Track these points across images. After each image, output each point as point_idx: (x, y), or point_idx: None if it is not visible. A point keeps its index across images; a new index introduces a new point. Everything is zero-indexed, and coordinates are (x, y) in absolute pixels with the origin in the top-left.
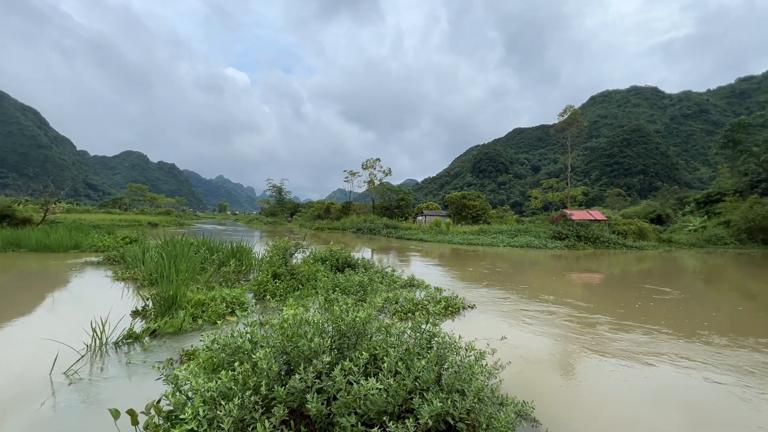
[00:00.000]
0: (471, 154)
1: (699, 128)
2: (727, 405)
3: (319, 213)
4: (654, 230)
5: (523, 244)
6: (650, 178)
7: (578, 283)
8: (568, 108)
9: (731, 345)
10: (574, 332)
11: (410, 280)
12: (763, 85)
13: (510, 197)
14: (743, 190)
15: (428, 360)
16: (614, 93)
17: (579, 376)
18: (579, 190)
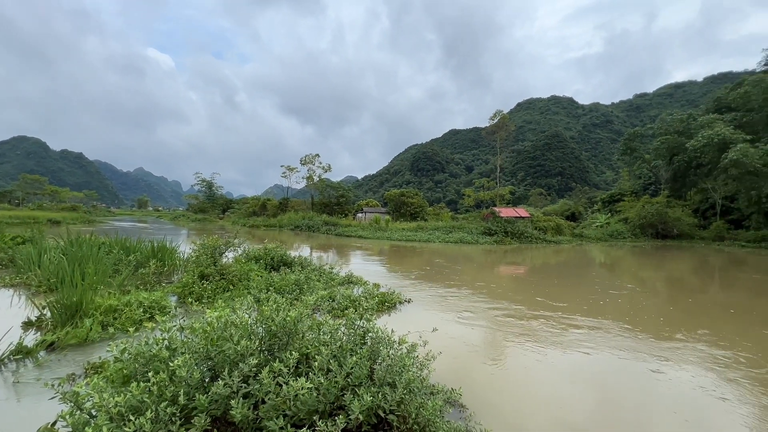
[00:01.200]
0: (410, 152)
1: (605, 136)
2: (630, 379)
3: (254, 209)
4: (569, 226)
5: (457, 240)
6: (566, 179)
7: (506, 276)
8: (498, 113)
9: (634, 327)
10: (502, 321)
11: (348, 277)
12: (654, 101)
13: (446, 195)
14: (638, 191)
15: (361, 356)
16: (537, 101)
17: (505, 362)
18: (507, 190)
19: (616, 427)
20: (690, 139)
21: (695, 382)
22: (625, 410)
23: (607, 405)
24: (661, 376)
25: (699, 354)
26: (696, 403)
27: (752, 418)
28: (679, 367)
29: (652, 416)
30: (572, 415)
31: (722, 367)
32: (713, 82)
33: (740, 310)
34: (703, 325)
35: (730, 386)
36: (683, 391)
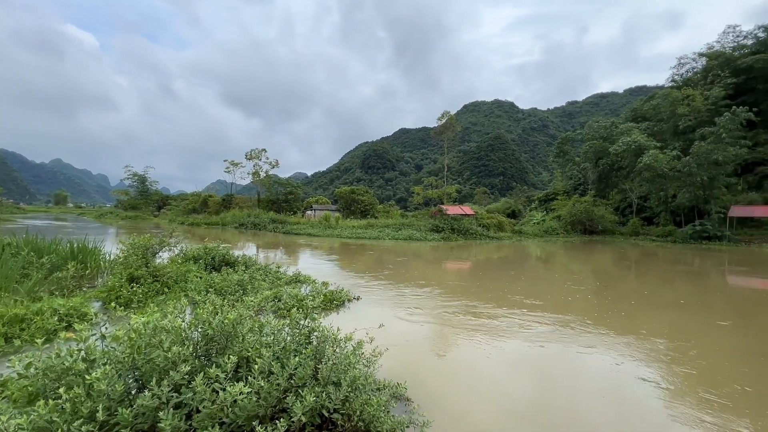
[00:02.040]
0: (361, 150)
1: (542, 140)
2: (564, 364)
3: (194, 206)
4: (510, 223)
5: (406, 237)
6: (508, 179)
7: (454, 271)
8: (445, 114)
9: (566, 314)
10: (450, 315)
11: (296, 276)
12: (583, 109)
13: (396, 193)
14: (569, 191)
15: (305, 356)
16: (482, 104)
17: (452, 355)
18: (453, 188)
19: (552, 411)
20: (612, 145)
21: (620, 365)
22: (559, 394)
23: (545, 391)
24: (590, 360)
25: (622, 339)
26: (621, 384)
27: (664, 390)
28: (606, 352)
29: (583, 398)
30: (513, 402)
31: (640, 350)
32: (631, 93)
33: (653, 295)
34: (624, 310)
35: (648, 367)
36: (611, 374)
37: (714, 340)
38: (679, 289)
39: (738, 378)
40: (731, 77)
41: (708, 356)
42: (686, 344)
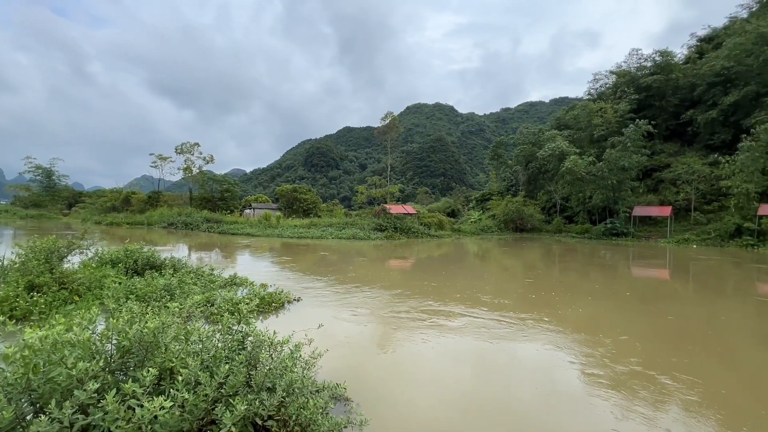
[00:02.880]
0: (303, 147)
1: (479, 143)
2: (502, 353)
3: (113, 204)
4: (449, 222)
5: (349, 236)
6: (448, 179)
7: (397, 269)
8: (388, 114)
9: (503, 308)
10: (393, 313)
11: (232, 278)
12: (515, 115)
13: (340, 192)
14: (503, 192)
15: (237, 362)
16: (424, 106)
17: (395, 352)
18: (396, 188)
19: (487, 400)
20: (540, 150)
21: (550, 351)
22: (497, 383)
23: (483, 383)
24: (520, 348)
25: (548, 326)
26: (551, 369)
27: (582, 371)
28: (537, 339)
29: (516, 384)
30: (453, 394)
31: (567, 335)
32: (556, 103)
33: (574, 286)
34: (550, 300)
35: (575, 350)
36: (543, 361)
37: (624, 323)
38: (594, 279)
39: (644, 352)
40: (635, 94)
41: (621, 335)
42: (603, 326)
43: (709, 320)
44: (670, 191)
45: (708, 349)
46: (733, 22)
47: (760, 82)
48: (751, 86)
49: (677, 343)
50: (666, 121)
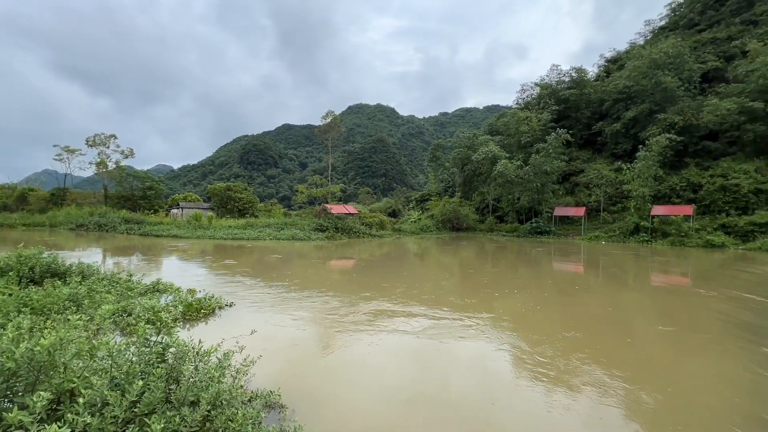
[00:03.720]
0: (239, 143)
1: (419, 145)
2: (440, 352)
3: (5, 203)
4: (390, 222)
5: (289, 237)
6: (389, 180)
7: (337, 269)
8: (329, 113)
9: (442, 304)
10: (334, 315)
11: (155, 284)
12: (452, 120)
13: (279, 191)
14: (441, 193)
15: (155, 377)
16: (366, 106)
17: (334, 354)
18: (338, 187)
19: (428, 396)
20: (474, 153)
21: (486, 345)
22: (435, 379)
23: (423, 380)
24: (460, 343)
25: (486, 320)
26: (484, 358)
27: (515, 360)
28: (475, 334)
29: (456, 378)
30: (392, 392)
31: (500, 326)
32: (488, 110)
33: (506, 281)
34: (484, 294)
35: (506, 341)
36: (477, 354)
37: (546, 312)
38: (522, 274)
39: (563, 333)
40: (555, 105)
41: (542, 322)
42: (533, 317)
43: (621, 304)
44: (584, 194)
45: (619, 326)
46: (632, 47)
47: (653, 101)
48: (646, 104)
49: (591, 326)
50: (581, 131)
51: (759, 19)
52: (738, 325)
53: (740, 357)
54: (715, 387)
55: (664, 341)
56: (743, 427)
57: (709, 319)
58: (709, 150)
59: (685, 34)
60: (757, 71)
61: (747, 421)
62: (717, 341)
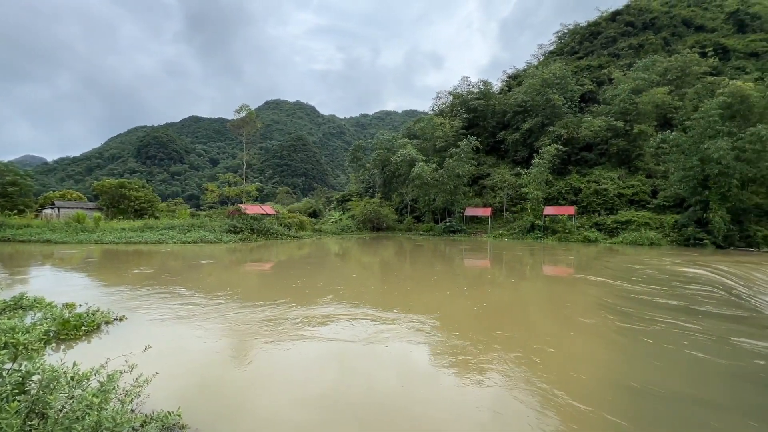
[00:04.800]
0: (136, 135)
1: (340, 145)
2: (359, 351)
3: None
4: (310, 222)
5: (196, 240)
6: (310, 179)
7: (251, 273)
8: (244, 107)
9: (363, 303)
10: (243, 324)
11: (17, 299)
12: (373, 122)
13: (186, 189)
14: (362, 193)
15: (9, 413)
16: (284, 103)
17: (243, 366)
18: (254, 186)
19: (348, 396)
20: (393, 155)
21: (406, 339)
22: (355, 379)
23: (343, 380)
24: (379, 340)
25: (404, 315)
26: (406, 355)
27: (434, 353)
28: (394, 330)
29: (376, 375)
30: (310, 398)
31: (417, 318)
32: (407, 114)
33: (422, 277)
34: (402, 290)
35: (426, 337)
36: (396, 349)
37: (458, 302)
38: (438, 270)
39: (471, 320)
40: (466, 113)
41: (457, 312)
42: (450, 310)
43: (520, 292)
44: (490, 195)
45: (520, 310)
46: (529, 66)
47: (545, 115)
48: (539, 117)
49: (498, 310)
50: (487, 138)
51: (621, 52)
52: (603, 305)
53: (604, 328)
54: (586, 349)
55: (553, 319)
56: (603, 373)
57: (585, 301)
58: (586, 160)
59: (569, 59)
60: (619, 96)
61: (603, 369)
62: (589, 318)
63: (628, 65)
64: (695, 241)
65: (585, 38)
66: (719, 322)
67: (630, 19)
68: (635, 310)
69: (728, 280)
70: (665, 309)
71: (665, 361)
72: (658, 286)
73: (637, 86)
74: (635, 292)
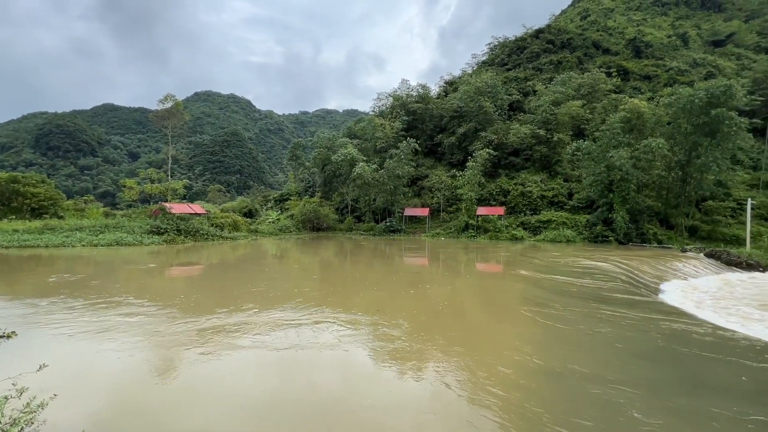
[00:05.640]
0: (34, 121)
1: (278, 142)
2: (289, 352)
3: None
4: (246, 222)
5: (112, 242)
6: (245, 177)
7: (174, 278)
8: (169, 97)
9: (296, 304)
10: (161, 334)
11: None
12: (313, 120)
13: (99, 186)
14: (301, 192)
15: None
16: (217, 95)
17: (165, 378)
18: (181, 184)
19: (287, 399)
20: (334, 155)
21: (343, 338)
22: (293, 381)
23: (281, 384)
24: (314, 339)
25: (343, 315)
26: (345, 352)
27: (371, 348)
28: (328, 330)
29: (316, 375)
30: (242, 407)
31: (353, 315)
32: (348, 114)
33: (362, 276)
34: (343, 289)
35: (364, 334)
36: (333, 347)
37: (396, 300)
38: (378, 269)
39: (407, 313)
40: (405, 116)
41: (397, 307)
42: (383, 304)
43: (456, 287)
44: (428, 196)
45: (453, 303)
46: (464, 74)
47: (477, 120)
48: (473, 123)
49: (435, 305)
50: (426, 141)
51: (543, 67)
52: (528, 296)
53: (528, 318)
54: (506, 337)
55: (485, 312)
56: (526, 359)
57: (512, 294)
58: (514, 164)
59: (499, 70)
60: (541, 107)
61: (526, 356)
62: (515, 309)
63: (549, 79)
64: (602, 238)
65: (513, 51)
66: (623, 308)
67: (551, 37)
68: (555, 300)
69: (628, 272)
70: (580, 298)
71: (579, 345)
72: (573, 278)
73: (556, 99)
74: (555, 284)
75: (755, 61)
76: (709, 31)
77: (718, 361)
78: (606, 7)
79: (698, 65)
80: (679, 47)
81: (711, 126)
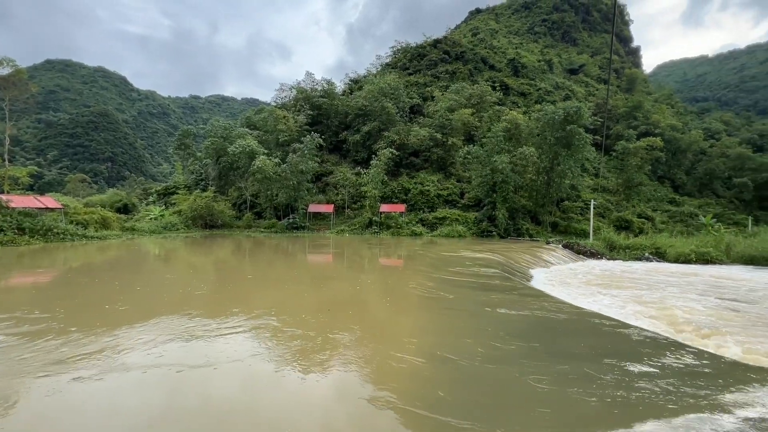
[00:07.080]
0: None
1: (162, 128)
2: (191, 370)
3: None
4: (118, 219)
5: None
6: (119, 167)
7: (18, 289)
8: (6, 60)
9: (184, 311)
10: (15, 358)
11: None
12: (206, 106)
13: None
14: (191, 186)
15: None
16: (80, 67)
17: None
18: (25, 171)
19: (182, 414)
20: (231, 146)
21: (246, 343)
22: (188, 395)
23: (174, 401)
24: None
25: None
26: (248, 358)
27: (276, 351)
28: (232, 335)
29: (215, 386)
30: None
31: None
32: (247, 103)
33: (262, 276)
34: (241, 292)
35: (268, 337)
36: (236, 355)
37: (298, 298)
38: (277, 268)
39: (309, 312)
40: (310, 110)
41: (300, 308)
42: (283, 303)
43: (360, 283)
44: (333, 192)
45: (358, 298)
46: (369, 74)
47: (381, 120)
48: (376, 122)
49: (341, 303)
50: (331, 137)
51: (440, 75)
52: (424, 288)
53: (424, 311)
54: (405, 327)
55: (384, 306)
56: (426, 347)
57: (409, 286)
58: (414, 164)
59: (401, 73)
60: (438, 112)
61: (425, 344)
62: (412, 301)
63: (445, 86)
64: (487, 233)
65: (414, 57)
66: (502, 293)
67: (447, 48)
68: (448, 290)
69: (506, 263)
70: (469, 287)
71: (470, 330)
72: (462, 268)
73: (451, 105)
74: (447, 275)
75: (597, 89)
76: (566, 61)
77: (575, 332)
78: (492, 28)
79: (559, 88)
80: (546, 71)
81: (567, 139)
